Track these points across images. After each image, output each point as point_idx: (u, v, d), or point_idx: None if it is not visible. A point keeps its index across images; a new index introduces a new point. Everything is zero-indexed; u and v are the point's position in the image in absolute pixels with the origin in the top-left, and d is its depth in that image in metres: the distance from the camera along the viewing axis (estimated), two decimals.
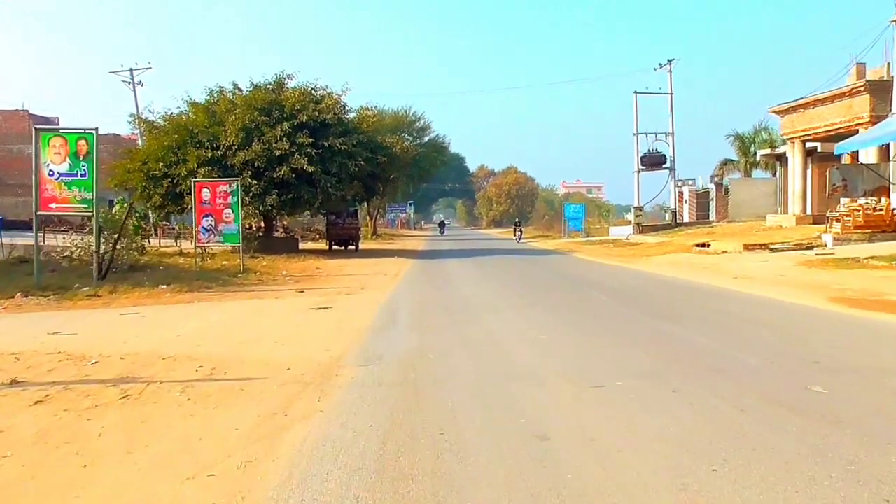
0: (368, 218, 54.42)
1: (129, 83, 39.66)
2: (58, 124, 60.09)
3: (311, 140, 24.43)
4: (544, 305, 10.99)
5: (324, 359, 6.69)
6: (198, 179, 19.05)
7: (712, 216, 39.67)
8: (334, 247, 30.06)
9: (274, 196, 24.38)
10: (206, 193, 17.26)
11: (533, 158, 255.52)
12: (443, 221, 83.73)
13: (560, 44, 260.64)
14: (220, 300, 12.55)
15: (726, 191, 39.40)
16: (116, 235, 15.86)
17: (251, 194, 24.35)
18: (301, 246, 33.82)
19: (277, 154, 24.24)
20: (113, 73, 40.08)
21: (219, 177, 24.70)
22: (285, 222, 42.03)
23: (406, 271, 18.93)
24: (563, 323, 9.08)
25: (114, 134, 44.99)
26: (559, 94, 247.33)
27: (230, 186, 17.36)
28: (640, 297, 11.99)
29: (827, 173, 24.65)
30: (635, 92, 38.52)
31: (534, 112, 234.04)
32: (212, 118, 25.42)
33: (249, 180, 24.22)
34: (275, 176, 24.35)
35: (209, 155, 24.36)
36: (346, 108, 27.25)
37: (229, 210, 17.30)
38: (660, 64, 38.39)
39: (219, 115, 25.26)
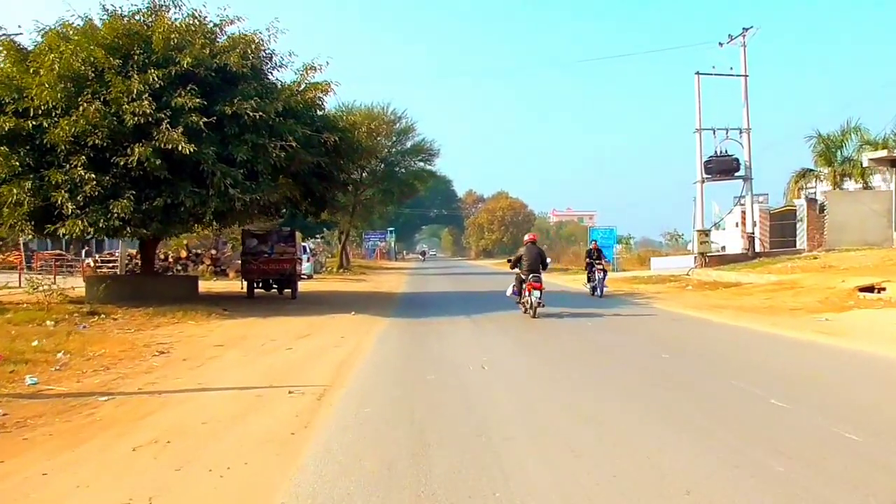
0: (338, 245, 42.98)
1: None
2: None
3: (198, 102, 13.34)
4: None
5: None
6: None
7: (801, 243, 29.02)
8: (258, 289, 18.59)
9: (125, 201, 13.09)
10: None
11: (521, 185, 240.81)
12: (424, 251, 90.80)
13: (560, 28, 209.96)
14: None
15: (821, 209, 28.77)
16: None
17: (84, 197, 13.10)
18: (219, 287, 22.41)
19: (132, 124, 13.06)
20: None
21: (29, 164, 13.49)
22: (214, 252, 30.49)
23: (350, 390, 7.17)
24: None
25: None
26: (550, 105, 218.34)
27: None
28: None
29: None
30: (697, 73, 27.97)
31: (522, 130, 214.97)
32: (22, 64, 14.20)
33: (81, 172, 13.00)
34: (128, 164, 13.13)
35: (9, 125, 13.14)
36: (275, 59, 16.21)
37: None
38: (730, 36, 27.98)
39: (34, 59, 14.07)
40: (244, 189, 13.70)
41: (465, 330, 11.70)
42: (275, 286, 18.55)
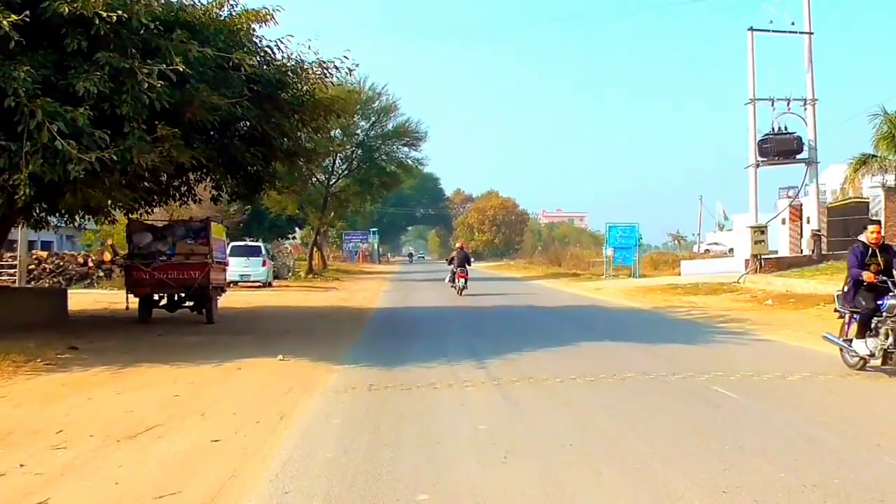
0: (315, 246, 36.89)
1: None
2: None
3: None
4: None
5: None
6: None
7: None
8: (159, 308, 12.63)
9: None
10: None
11: (510, 184, 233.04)
12: (411, 253, 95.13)
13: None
14: None
15: None
16: None
17: None
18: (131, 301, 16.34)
19: None
20: None
21: None
22: (110, 257, 24.16)
23: None
24: None
25: None
26: (540, 99, 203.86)
27: None
28: None
29: None
30: (750, 29, 22.41)
31: (509, 121, 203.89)
32: None
33: None
34: None
35: None
36: None
37: None
38: None
39: None
40: (89, 142, 7.79)
41: (481, 404, 5.87)
42: (187, 303, 12.56)
